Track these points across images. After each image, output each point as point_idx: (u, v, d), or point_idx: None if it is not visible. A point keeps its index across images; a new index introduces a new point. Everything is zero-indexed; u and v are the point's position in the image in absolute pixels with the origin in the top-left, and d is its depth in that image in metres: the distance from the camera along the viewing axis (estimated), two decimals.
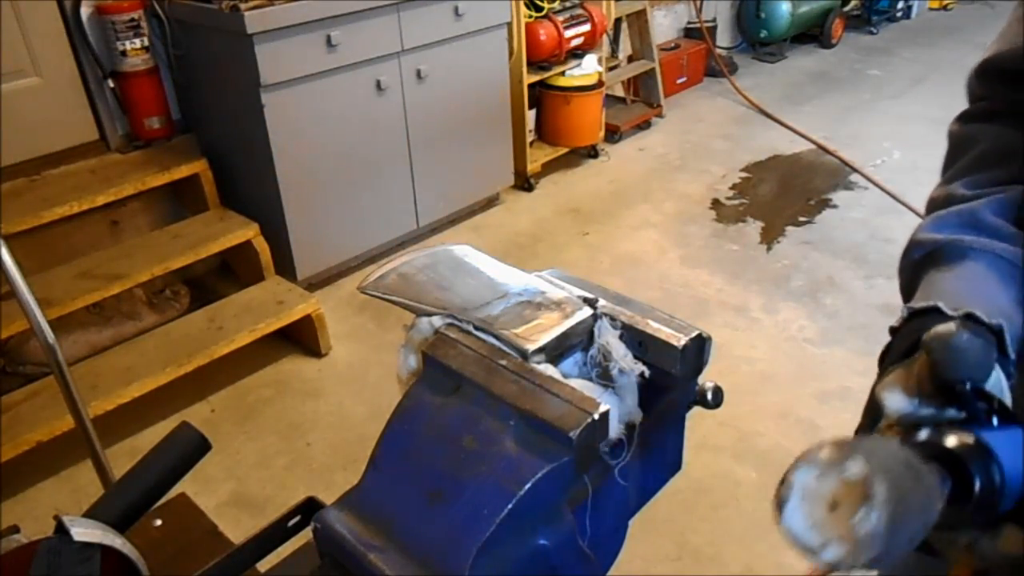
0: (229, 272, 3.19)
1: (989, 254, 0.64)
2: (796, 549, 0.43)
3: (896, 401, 0.55)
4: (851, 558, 0.41)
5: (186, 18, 2.91)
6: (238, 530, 0.98)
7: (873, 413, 0.57)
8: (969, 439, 0.50)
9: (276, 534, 0.82)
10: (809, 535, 0.42)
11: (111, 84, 2.92)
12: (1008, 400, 0.55)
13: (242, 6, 2.62)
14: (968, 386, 0.51)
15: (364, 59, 3.02)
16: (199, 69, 3.03)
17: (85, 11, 2.84)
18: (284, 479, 2.38)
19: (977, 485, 0.48)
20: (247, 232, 2.93)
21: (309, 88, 2.89)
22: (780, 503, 0.43)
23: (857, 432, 0.57)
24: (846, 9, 6.18)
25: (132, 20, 2.83)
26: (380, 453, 0.65)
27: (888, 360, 0.61)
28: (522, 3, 3.70)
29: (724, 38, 5.78)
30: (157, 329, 2.73)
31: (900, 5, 6.63)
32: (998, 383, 0.55)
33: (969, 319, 0.57)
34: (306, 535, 0.71)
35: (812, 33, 6.01)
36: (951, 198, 0.71)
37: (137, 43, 2.86)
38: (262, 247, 2.96)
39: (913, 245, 0.69)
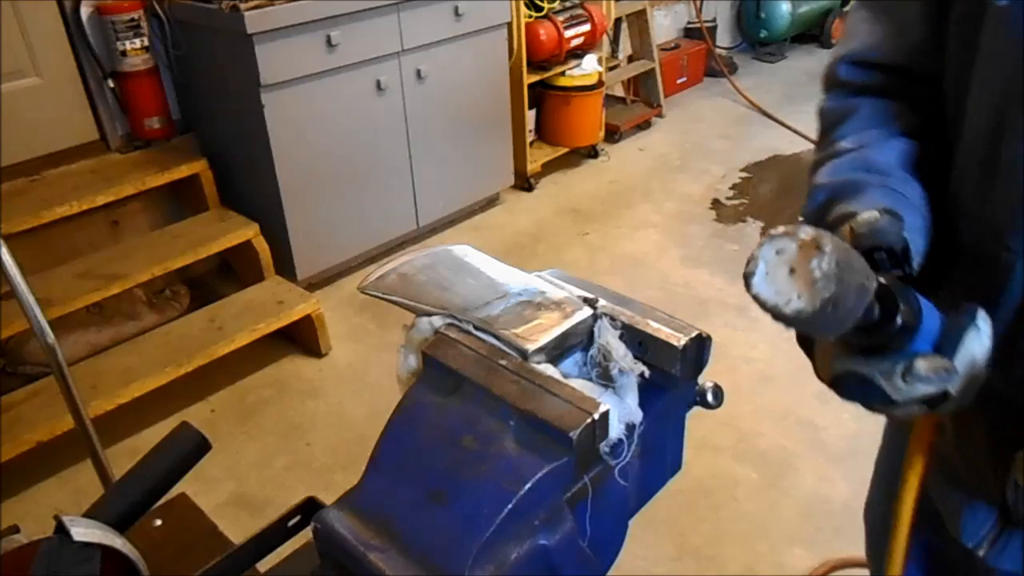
0: (229, 272, 3.19)
1: (886, 188, 0.70)
2: (767, 312, 0.51)
3: None
4: (811, 304, 0.49)
5: (186, 18, 2.91)
6: (238, 530, 0.98)
7: None
8: (892, 278, 0.60)
9: (276, 534, 0.82)
10: (775, 297, 0.50)
11: (111, 84, 2.92)
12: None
13: (242, 6, 2.62)
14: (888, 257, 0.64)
15: (364, 59, 3.02)
16: (199, 69, 3.03)
17: (85, 11, 2.84)
18: (284, 479, 2.39)
19: (902, 308, 0.58)
20: (247, 232, 2.93)
21: (309, 88, 2.89)
22: (749, 276, 0.51)
23: None
24: (846, 9, 6.17)
25: (132, 20, 2.83)
26: (380, 453, 0.65)
27: None
28: (522, 3, 3.70)
29: (724, 38, 5.78)
30: (157, 329, 2.73)
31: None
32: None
33: (887, 212, 0.65)
34: (306, 535, 0.71)
35: (812, 33, 6.01)
36: (837, 152, 0.76)
37: (137, 43, 2.86)
38: (262, 247, 2.96)
39: (814, 190, 0.77)
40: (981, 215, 0.70)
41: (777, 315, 0.51)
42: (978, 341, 0.61)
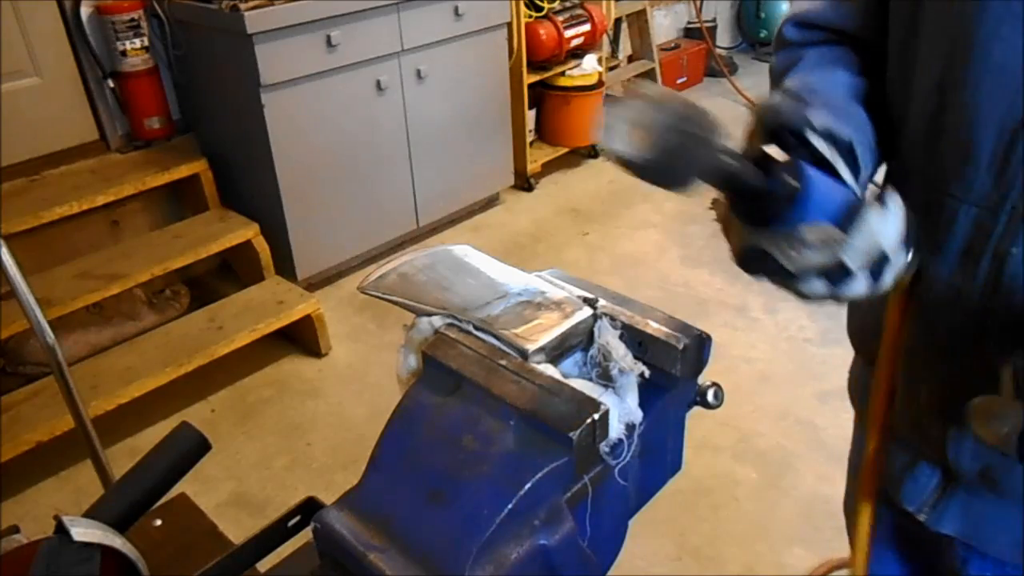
0: (229, 272, 3.19)
1: (827, 106, 0.72)
2: (619, 165, 0.55)
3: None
4: (647, 151, 0.54)
5: (186, 18, 2.91)
6: (238, 530, 0.98)
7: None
8: (784, 155, 0.64)
9: (276, 534, 0.82)
10: (621, 146, 0.54)
11: (111, 84, 2.92)
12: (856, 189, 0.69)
13: (242, 6, 2.62)
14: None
15: (364, 59, 3.02)
16: (199, 69, 3.03)
17: (85, 11, 2.84)
18: (284, 479, 2.39)
19: (777, 176, 0.62)
20: (247, 232, 2.93)
21: (309, 88, 2.89)
22: (601, 131, 0.54)
23: None
24: None
25: (132, 20, 2.83)
26: (380, 453, 0.65)
27: None
28: (522, 3, 3.70)
29: (724, 38, 5.78)
30: (157, 329, 2.73)
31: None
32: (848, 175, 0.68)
33: (828, 136, 0.68)
34: (306, 535, 0.71)
35: None
36: (783, 90, 0.78)
37: (137, 43, 2.87)
38: (262, 247, 2.96)
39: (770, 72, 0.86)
40: (927, 169, 0.74)
41: (624, 164, 0.55)
42: (881, 218, 0.63)
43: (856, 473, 0.97)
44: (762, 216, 0.64)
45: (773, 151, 0.64)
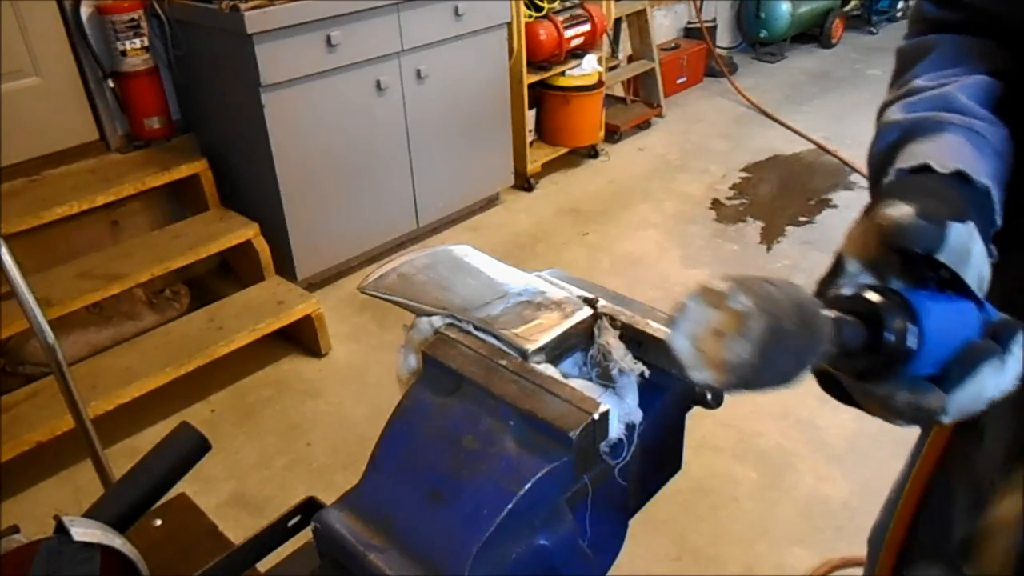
0: (229, 272, 3.19)
1: (967, 129, 0.63)
2: (679, 365, 0.47)
3: (854, 265, 0.57)
4: (717, 383, 0.45)
5: (186, 18, 2.91)
6: (238, 530, 0.98)
7: (835, 269, 0.59)
8: (894, 297, 0.53)
9: (276, 534, 0.82)
10: (689, 355, 0.46)
11: (111, 84, 2.92)
12: (986, 274, 0.56)
13: (242, 6, 2.62)
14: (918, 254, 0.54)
15: (364, 59, 3.02)
16: (199, 69, 3.03)
17: (85, 11, 2.84)
18: (284, 479, 2.39)
19: (889, 337, 0.51)
20: (247, 232, 2.93)
21: (309, 88, 2.89)
22: (672, 323, 0.47)
23: (819, 285, 0.59)
24: (846, 9, 6.18)
25: (132, 20, 2.83)
26: (380, 453, 0.65)
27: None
28: (522, 3, 3.70)
29: (724, 38, 5.78)
30: (157, 329, 2.74)
31: (900, 5, 6.63)
32: (980, 258, 0.55)
33: (959, 177, 0.58)
34: (306, 535, 0.71)
35: (812, 33, 6.02)
36: (912, 91, 0.69)
37: (137, 43, 2.87)
38: (262, 247, 2.96)
39: (886, 128, 0.68)
40: None
41: (685, 373, 0.47)
42: (996, 373, 0.53)
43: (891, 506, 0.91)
44: (862, 373, 0.55)
45: (877, 297, 0.53)
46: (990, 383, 0.53)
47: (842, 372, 0.56)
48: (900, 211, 0.54)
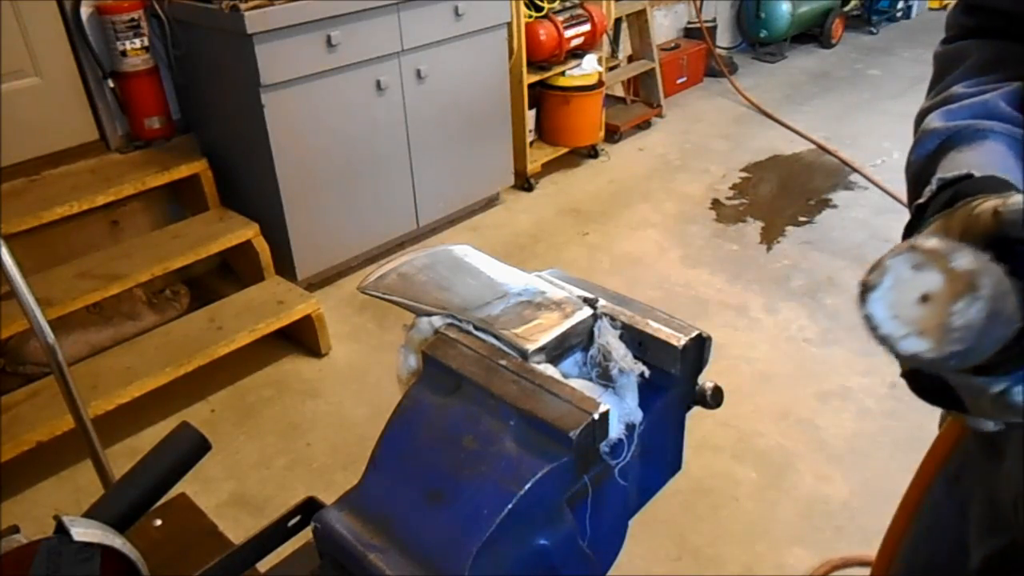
0: (229, 272, 3.19)
1: (1009, 137, 0.61)
2: (872, 338, 0.41)
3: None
4: (934, 351, 0.40)
5: (186, 18, 2.91)
6: (238, 530, 0.98)
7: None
8: None
9: (276, 534, 0.82)
10: (891, 324, 0.41)
11: (111, 84, 2.92)
12: None
13: (242, 6, 2.62)
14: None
15: (364, 59, 3.02)
16: (199, 69, 3.03)
17: (85, 11, 2.84)
18: (284, 479, 2.39)
19: None
20: (247, 232, 2.93)
21: (309, 88, 2.89)
22: (867, 288, 0.41)
23: None
24: (846, 9, 6.18)
25: (132, 20, 2.83)
26: (380, 453, 0.65)
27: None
28: (522, 3, 3.70)
29: (724, 38, 5.78)
30: (157, 329, 2.74)
31: (900, 5, 6.63)
32: None
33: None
34: (306, 535, 0.71)
35: (812, 33, 6.02)
36: (952, 98, 0.67)
37: (137, 43, 2.87)
38: (262, 247, 2.96)
39: (925, 136, 0.66)
40: None
41: (884, 344, 0.42)
42: None
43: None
44: (987, 366, 0.48)
45: None
46: None
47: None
48: (1015, 198, 0.47)
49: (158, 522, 1.04)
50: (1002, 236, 0.48)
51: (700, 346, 0.68)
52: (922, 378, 0.54)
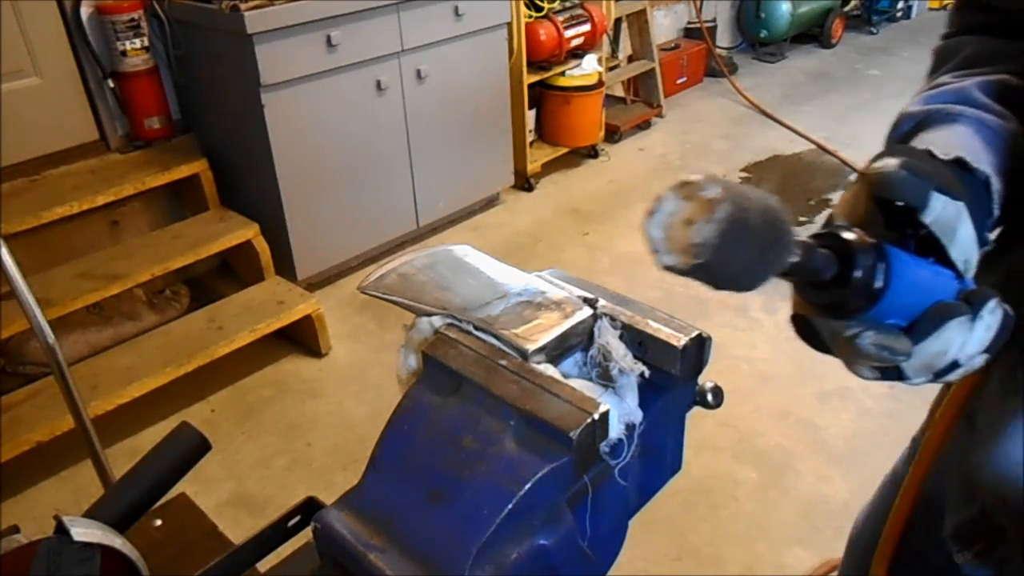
0: (229, 272, 3.19)
1: (978, 122, 0.65)
2: (650, 252, 0.49)
3: (842, 223, 0.59)
4: (681, 264, 0.48)
5: (186, 18, 2.91)
6: (238, 530, 0.98)
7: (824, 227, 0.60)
8: (868, 239, 0.55)
9: (276, 534, 0.82)
10: (659, 243, 0.48)
11: (111, 84, 2.92)
12: (972, 259, 0.58)
13: (242, 6, 2.62)
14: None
15: (364, 59, 3.02)
16: (199, 69, 3.03)
17: (85, 11, 2.84)
18: (284, 479, 2.39)
19: (857, 272, 0.53)
20: (247, 232, 2.93)
21: (309, 88, 2.89)
22: (648, 214, 0.49)
23: None
24: (846, 9, 6.18)
25: (132, 20, 2.83)
26: (380, 453, 0.65)
27: None
28: (522, 3, 3.70)
29: (724, 38, 5.78)
30: (157, 329, 2.74)
31: (900, 5, 6.63)
32: (968, 241, 0.57)
33: (958, 164, 0.60)
34: (306, 535, 0.71)
35: (812, 33, 6.02)
36: (936, 87, 0.71)
37: (137, 43, 2.87)
38: (262, 247, 2.96)
39: (901, 119, 0.71)
40: None
41: (656, 259, 0.49)
42: (962, 331, 0.56)
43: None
44: (830, 308, 0.57)
45: (852, 236, 0.55)
46: (956, 341, 0.55)
47: (812, 305, 0.58)
48: (885, 163, 0.56)
49: (158, 522, 1.04)
50: (878, 196, 0.56)
51: (700, 346, 0.68)
52: (801, 328, 0.61)
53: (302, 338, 2.92)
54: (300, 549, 0.81)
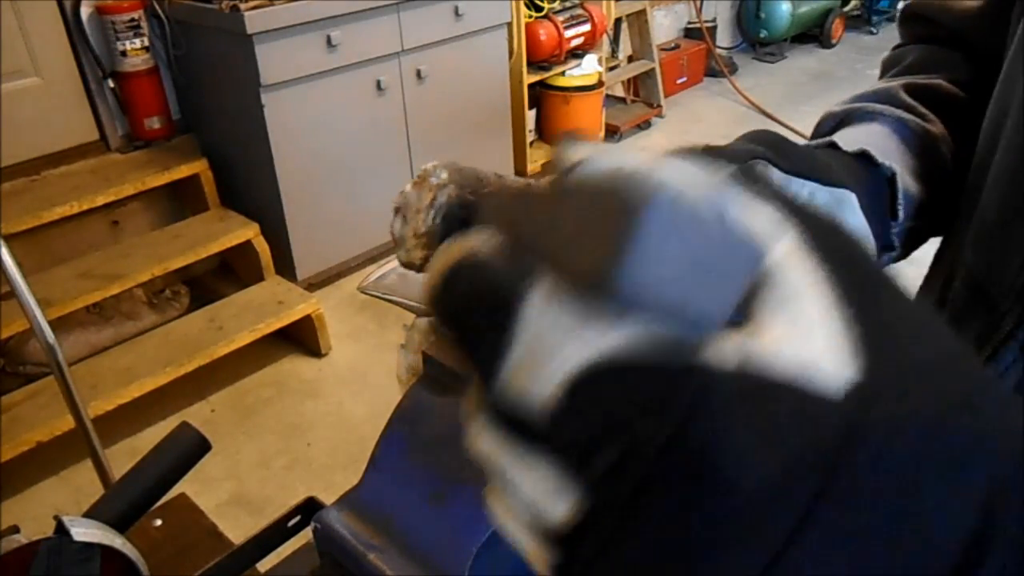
0: (229, 272, 3.19)
1: (897, 120, 0.64)
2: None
3: None
4: (404, 254, 0.46)
5: (186, 18, 2.91)
6: (238, 530, 0.98)
7: None
8: None
9: (276, 534, 0.82)
10: (398, 235, 0.47)
11: (111, 84, 2.92)
12: None
13: (242, 6, 2.62)
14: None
15: (364, 59, 3.02)
16: (199, 69, 3.03)
17: (85, 11, 2.84)
18: (284, 479, 2.39)
19: None
20: (247, 232, 2.93)
21: (309, 88, 2.89)
22: (395, 209, 0.47)
23: None
24: (846, 9, 6.18)
25: (132, 20, 2.83)
26: (380, 453, 0.65)
27: None
28: (522, 3, 3.70)
29: (724, 38, 5.78)
30: (157, 329, 2.73)
31: (900, 5, 6.63)
32: (855, 229, 0.55)
33: (863, 156, 0.58)
34: (306, 535, 0.71)
35: (812, 33, 6.01)
36: (872, 88, 0.72)
37: (137, 43, 2.87)
38: (262, 247, 2.96)
39: (824, 118, 0.70)
40: (995, 227, 0.56)
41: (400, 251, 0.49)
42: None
43: None
44: None
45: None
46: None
47: None
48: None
49: (158, 522, 1.04)
50: None
51: None
52: None
53: (302, 338, 2.92)
54: (300, 549, 0.81)
